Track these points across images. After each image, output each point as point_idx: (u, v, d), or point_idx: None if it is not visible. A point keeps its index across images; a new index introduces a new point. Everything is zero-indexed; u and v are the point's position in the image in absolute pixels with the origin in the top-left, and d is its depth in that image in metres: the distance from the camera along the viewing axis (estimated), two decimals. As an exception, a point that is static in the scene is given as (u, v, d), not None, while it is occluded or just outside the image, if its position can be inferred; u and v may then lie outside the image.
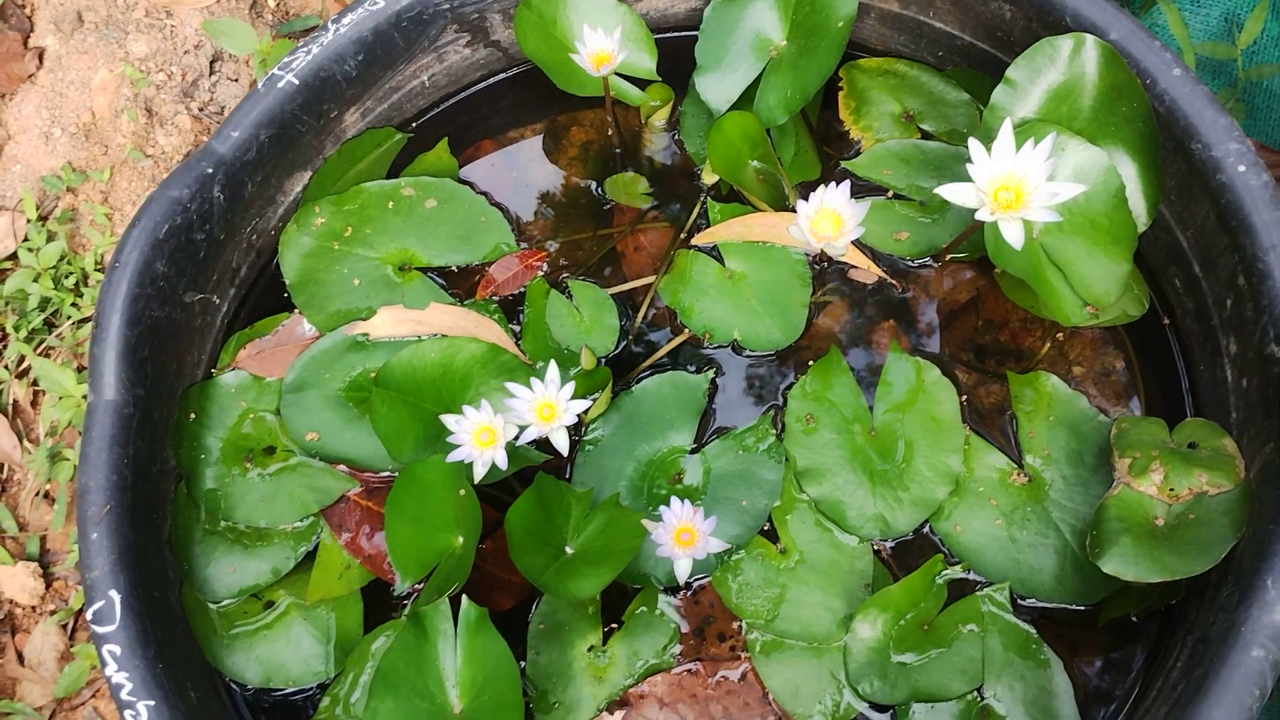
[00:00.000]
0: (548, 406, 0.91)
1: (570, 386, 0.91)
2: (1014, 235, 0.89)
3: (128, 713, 0.84)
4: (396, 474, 0.97)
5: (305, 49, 1.03)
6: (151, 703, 0.84)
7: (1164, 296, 1.05)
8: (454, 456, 0.90)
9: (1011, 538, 0.97)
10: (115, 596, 0.86)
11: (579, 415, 1.00)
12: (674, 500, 0.87)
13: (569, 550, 0.92)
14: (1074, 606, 0.96)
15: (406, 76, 1.12)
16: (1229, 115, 0.92)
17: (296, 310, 1.08)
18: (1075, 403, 1.01)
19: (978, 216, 0.89)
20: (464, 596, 0.88)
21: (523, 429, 0.91)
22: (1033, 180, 0.88)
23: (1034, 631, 0.94)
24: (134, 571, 0.88)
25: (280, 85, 1.02)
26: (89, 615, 0.86)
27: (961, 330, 1.06)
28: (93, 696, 1.16)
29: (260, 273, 1.11)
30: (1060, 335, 1.05)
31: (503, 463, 0.89)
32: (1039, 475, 0.99)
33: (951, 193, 0.90)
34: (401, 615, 0.99)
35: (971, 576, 0.97)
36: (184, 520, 1.00)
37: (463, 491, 0.90)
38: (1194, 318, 1.00)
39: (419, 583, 0.92)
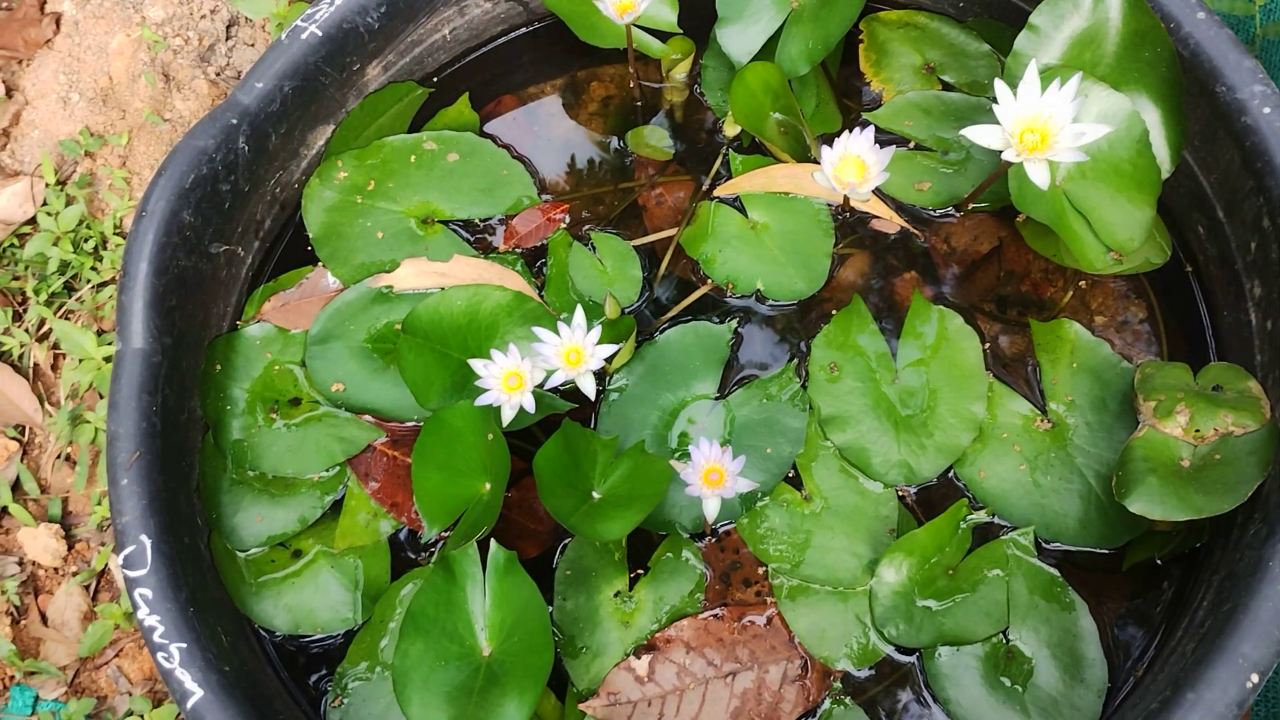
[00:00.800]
0: (574, 351, 0.91)
1: (597, 330, 0.91)
2: (1040, 176, 0.89)
3: (160, 655, 0.84)
4: (422, 423, 0.97)
5: (328, 1, 1.03)
6: (184, 645, 0.84)
7: (1186, 243, 1.05)
8: (482, 400, 0.90)
9: (1035, 483, 0.97)
10: (146, 541, 0.87)
11: (604, 363, 1.00)
12: (702, 440, 0.87)
13: (596, 495, 0.93)
14: (1099, 550, 0.96)
15: (428, 30, 1.12)
16: (1253, 58, 0.92)
17: (320, 263, 1.08)
18: (1098, 349, 1.01)
19: (1004, 158, 0.89)
20: (492, 540, 0.88)
21: (549, 374, 0.92)
22: (1059, 121, 0.89)
23: (1059, 575, 0.94)
24: (164, 517, 0.89)
25: (304, 37, 1.02)
26: (120, 560, 0.86)
27: (984, 280, 1.07)
28: (116, 656, 1.17)
29: (284, 226, 1.11)
30: (1082, 284, 1.06)
31: (530, 406, 0.90)
32: (1062, 421, 0.99)
33: (978, 134, 0.91)
34: (428, 563, 0.99)
35: (996, 521, 0.98)
36: (211, 470, 1.00)
37: (491, 436, 0.91)
38: (1218, 263, 1.00)
39: (446, 530, 0.92)
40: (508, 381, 0.90)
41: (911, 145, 1.10)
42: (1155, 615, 0.95)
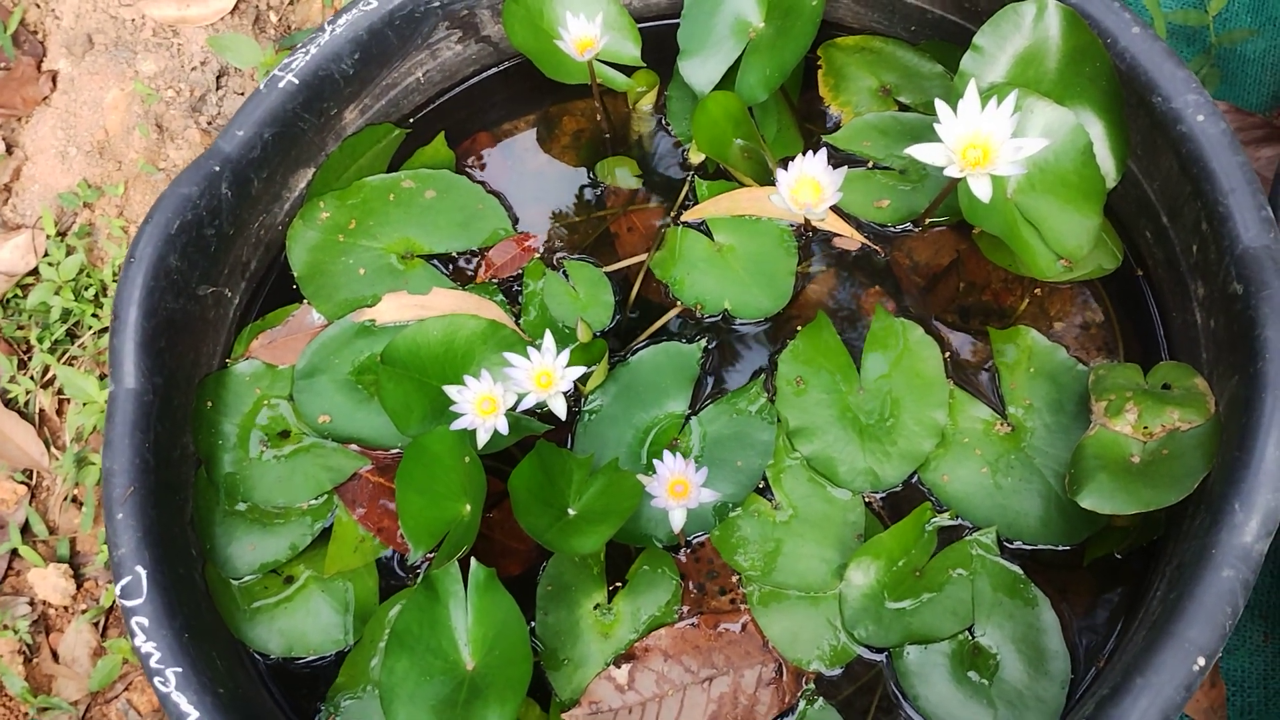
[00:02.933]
0: (545, 374, 0.95)
1: (566, 354, 0.95)
2: (982, 191, 0.93)
3: (157, 680, 0.88)
4: (404, 450, 1.01)
5: (304, 50, 1.08)
6: (179, 669, 0.88)
7: (1136, 249, 1.09)
8: (458, 425, 0.94)
9: (997, 484, 1.01)
10: (141, 572, 0.91)
11: (577, 385, 1.04)
12: (666, 454, 0.91)
13: (571, 512, 0.96)
14: (1060, 547, 0.99)
15: (402, 73, 1.17)
16: (1187, 69, 0.96)
17: (305, 300, 1.13)
18: (1055, 354, 1.05)
19: (947, 174, 0.93)
20: (472, 559, 0.92)
21: (522, 397, 0.96)
22: (998, 137, 0.92)
23: (1021, 572, 0.98)
24: (159, 549, 0.92)
25: (281, 85, 1.07)
26: (117, 590, 0.90)
27: (945, 291, 1.10)
28: (125, 689, 1.21)
29: (269, 266, 1.16)
30: (1039, 291, 1.09)
31: (504, 429, 0.94)
32: (1021, 424, 1.03)
33: (922, 152, 0.95)
34: (415, 583, 1.03)
35: (960, 523, 1.01)
36: (205, 502, 1.04)
37: (468, 459, 0.95)
38: (1165, 266, 1.04)
39: (430, 551, 0.96)
40: (481, 406, 0.94)
41: (870, 165, 1.14)
42: (1116, 607, 0.98)
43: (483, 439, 0.94)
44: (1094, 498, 0.89)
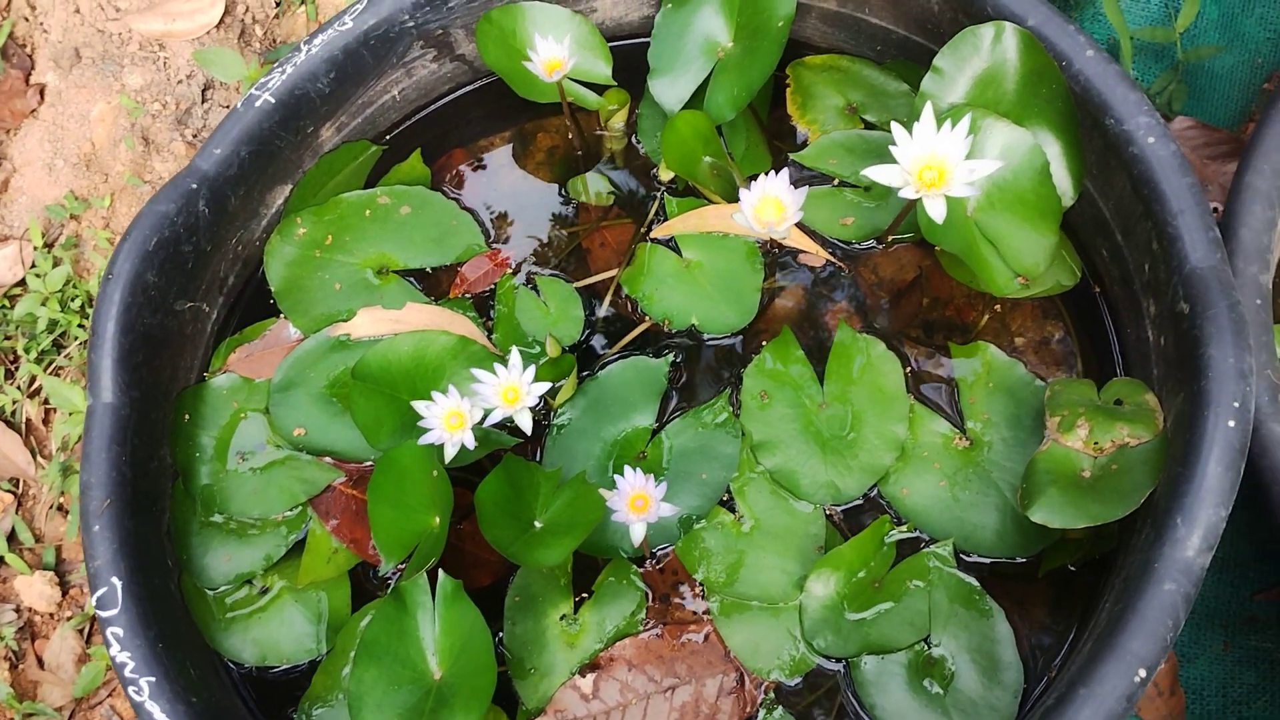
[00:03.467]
0: (512, 389, 0.97)
1: (532, 369, 0.97)
2: (937, 211, 0.95)
3: (131, 689, 0.90)
4: (376, 462, 1.03)
5: (280, 69, 1.10)
6: (153, 679, 0.90)
7: (1094, 266, 1.11)
8: (425, 440, 0.96)
9: (955, 498, 1.03)
10: (117, 583, 0.93)
11: (547, 400, 1.06)
12: (627, 469, 0.93)
13: (538, 524, 0.98)
14: (1016, 559, 1.02)
15: (378, 92, 1.19)
16: (1140, 91, 0.98)
17: (282, 315, 1.15)
18: (1013, 370, 1.07)
19: (901, 194, 0.95)
20: (440, 571, 0.94)
21: (489, 412, 0.98)
22: (953, 159, 0.95)
23: (977, 584, 1.00)
24: (134, 560, 0.95)
25: (258, 104, 1.09)
26: (93, 600, 0.92)
27: (908, 307, 1.12)
28: (109, 695, 1.23)
29: (247, 281, 1.18)
30: (1000, 307, 1.11)
31: (470, 443, 0.96)
32: (979, 438, 1.05)
33: (878, 173, 0.97)
34: (386, 594, 1.05)
35: (918, 535, 1.03)
36: (181, 514, 1.06)
37: (435, 473, 0.97)
38: (1120, 284, 1.06)
39: (401, 562, 0.98)
40: (449, 420, 0.96)
41: (836, 182, 1.16)
42: (1068, 619, 1.00)
43: (450, 453, 0.96)
44: (1044, 512, 0.91)
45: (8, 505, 1.30)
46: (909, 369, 1.08)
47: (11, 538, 1.28)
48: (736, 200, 1.13)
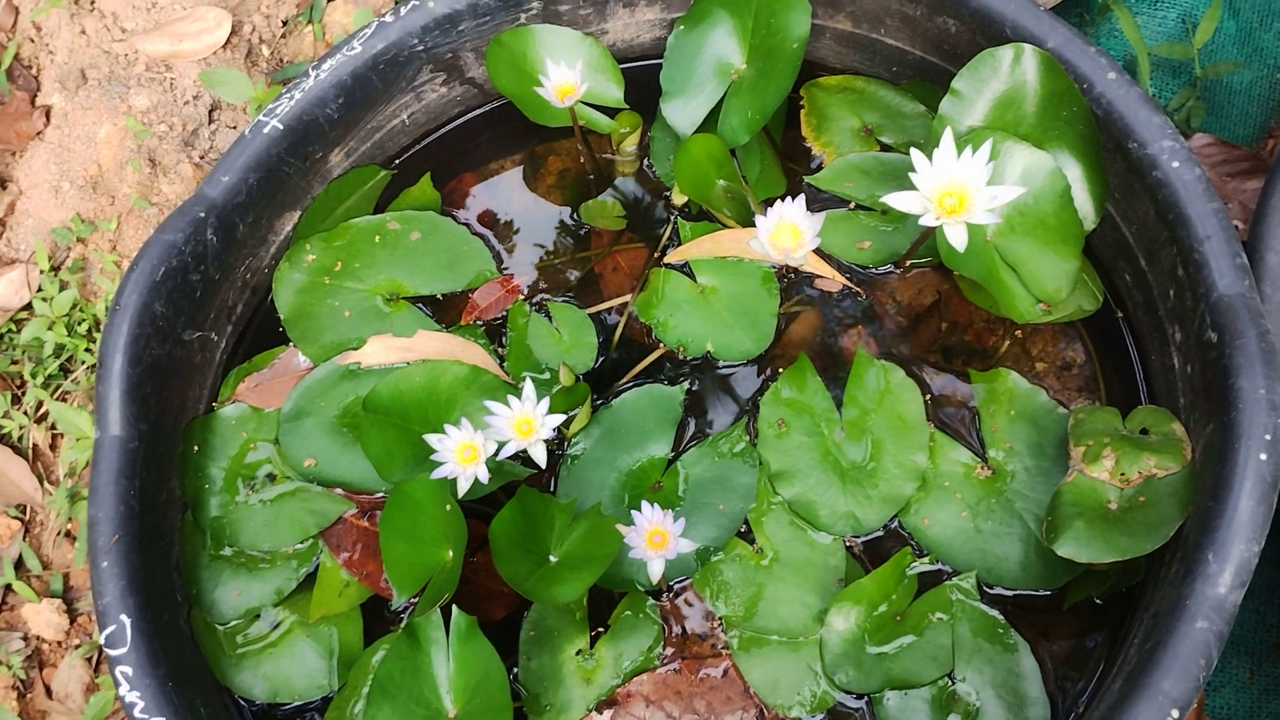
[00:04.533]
0: (525, 421, 0.96)
1: (546, 401, 0.96)
2: (958, 239, 0.93)
3: (141, 729, 0.89)
4: (388, 495, 1.02)
5: (288, 95, 1.09)
6: (163, 719, 0.89)
7: (1116, 291, 1.09)
8: (438, 474, 0.95)
9: (977, 528, 1.01)
10: (126, 620, 0.91)
11: (560, 430, 1.05)
12: (644, 504, 0.91)
13: (553, 558, 0.97)
14: (1039, 592, 1.00)
15: (387, 116, 1.17)
16: (1163, 114, 0.96)
17: (291, 343, 1.13)
18: (1035, 397, 1.05)
19: (922, 222, 0.94)
20: (454, 606, 0.93)
21: (502, 444, 0.96)
22: (974, 185, 0.93)
23: (1001, 617, 0.98)
24: (143, 596, 0.93)
25: (266, 130, 1.08)
26: (102, 639, 0.91)
27: (927, 332, 1.11)
28: (118, 725, 1.22)
29: (255, 309, 1.16)
30: (1020, 332, 1.10)
31: (484, 477, 0.94)
32: (1002, 468, 1.03)
33: (898, 200, 0.95)
34: (399, 629, 1.03)
35: (940, 567, 1.01)
36: (190, 547, 1.05)
37: (449, 507, 0.95)
38: (1144, 309, 1.04)
39: (414, 596, 0.97)
40: (462, 454, 0.94)
41: (852, 205, 1.15)
42: (1095, 653, 0.98)
43: (463, 487, 0.95)
44: (1071, 545, 0.90)
45: (15, 532, 1.28)
46: (928, 396, 1.07)
47: (19, 565, 1.27)
48: (751, 224, 1.12)
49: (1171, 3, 1.35)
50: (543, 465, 0.97)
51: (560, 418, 0.96)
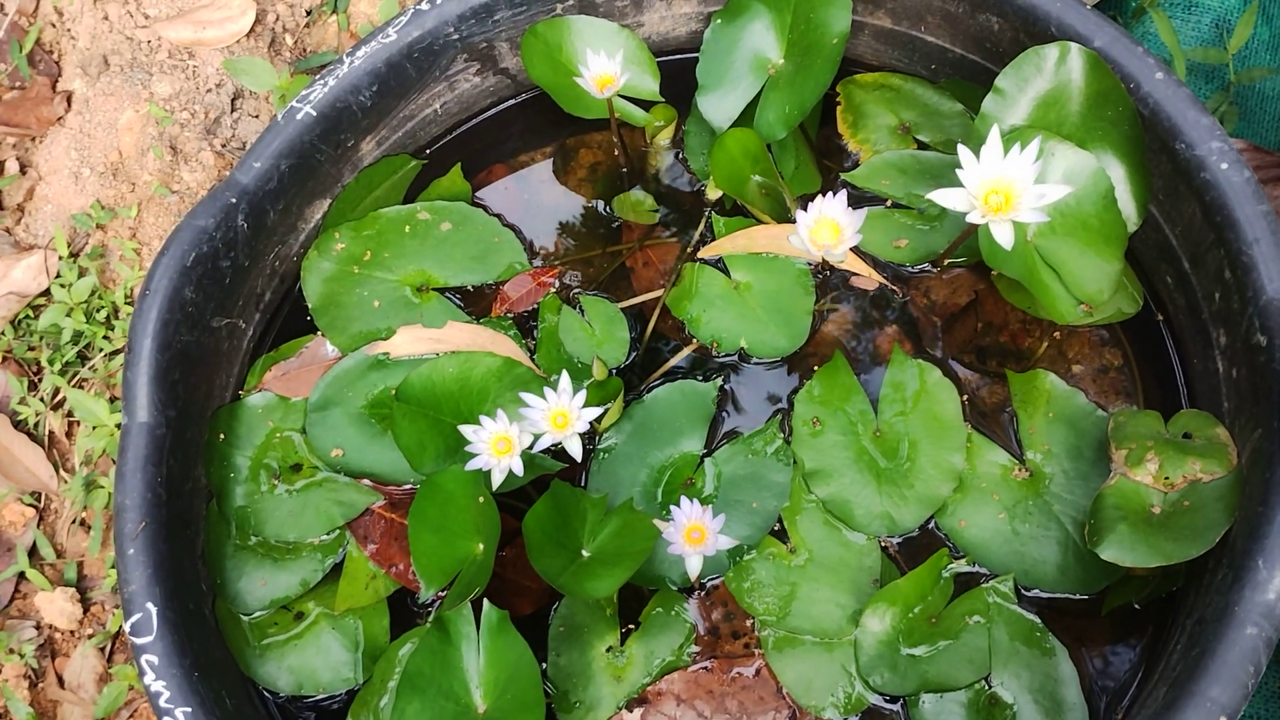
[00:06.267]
0: (561, 414, 0.94)
1: (582, 394, 0.95)
2: (1004, 237, 0.92)
3: (166, 719, 0.87)
4: (418, 486, 1.01)
5: (322, 81, 1.08)
6: (188, 709, 0.88)
7: (1157, 293, 1.08)
8: (472, 465, 0.93)
9: (1015, 531, 1.00)
10: (152, 609, 0.90)
11: (592, 424, 1.04)
12: (684, 500, 0.90)
13: (585, 553, 0.96)
14: (1077, 596, 0.99)
15: (419, 105, 1.16)
16: (1210, 115, 0.95)
17: (319, 333, 1.12)
18: (1073, 399, 1.04)
19: (969, 220, 0.92)
20: (485, 600, 0.91)
21: (537, 437, 0.95)
22: (1021, 183, 0.92)
23: (1039, 621, 0.97)
24: (169, 585, 0.92)
25: (299, 117, 1.07)
26: (127, 627, 0.90)
27: (962, 333, 1.10)
28: (130, 716, 1.20)
29: (284, 297, 1.15)
30: (1058, 335, 1.08)
31: (519, 470, 0.93)
32: (1040, 470, 1.02)
33: (944, 197, 0.94)
34: (426, 622, 1.02)
35: (977, 569, 1.00)
36: (215, 536, 1.04)
37: (482, 499, 0.94)
38: (1186, 313, 1.03)
39: (442, 590, 0.95)
40: (497, 446, 0.93)
41: (889, 204, 1.14)
42: (1134, 659, 0.97)
43: (497, 479, 0.93)
44: (1115, 549, 0.88)
45: (29, 520, 1.27)
46: (964, 396, 1.05)
47: (33, 553, 1.26)
48: (785, 220, 1.11)
49: (1206, 8, 1.34)
50: (578, 458, 0.96)
51: (596, 411, 0.95)
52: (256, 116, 1.46)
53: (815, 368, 1.08)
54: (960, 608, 0.97)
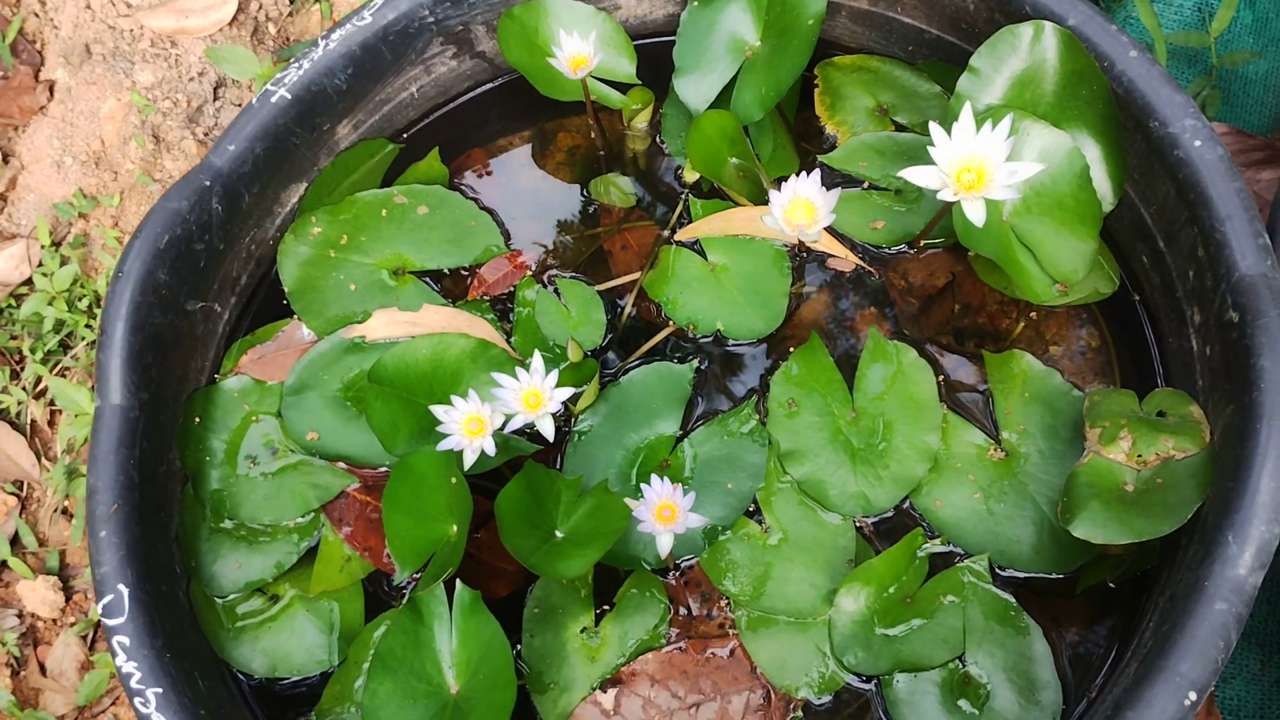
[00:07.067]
0: (533, 394, 0.94)
1: (555, 375, 0.94)
2: (976, 214, 0.92)
3: (137, 700, 0.87)
4: (392, 468, 1.01)
5: (296, 64, 1.07)
6: (159, 690, 0.87)
7: (1133, 273, 1.08)
8: (444, 445, 0.93)
9: (990, 511, 1.00)
10: (123, 590, 0.90)
11: (567, 405, 1.03)
12: (654, 478, 0.90)
13: (559, 534, 0.95)
14: (1053, 575, 0.98)
15: (396, 89, 1.16)
16: (1184, 93, 0.95)
17: (295, 316, 1.12)
18: (1049, 379, 1.03)
19: (940, 197, 0.92)
20: (458, 580, 0.91)
21: (509, 418, 0.95)
22: (993, 160, 0.92)
23: (1013, 600, 0.97)
24: (141, 567, 0.92)
25: (273, 100, 1.06)
26: (99, 608, 0.89)
27: (939, 314, 1.09)
28: (112, 704, 1.20)
29: (260, 281, 1.15)
30: (1035, 315, 1.08)
31: (490, 450, 0.93)
32: (1015, 450, 1.02)
33: (916, 175, 0.94)
34: (401, 604, 1.02)
35: (952, 549, 1.00)
36: (190, 519, 1.03)
37: (454, 480, 0.94)
38: (1161, 291, 1.03)
39: (417, 572, 0.95)
40: (469, 426, 0.93)
41: (866, 185, 1.13)
42: (1108, 637, 0.97)
43: (469, 460, 0.93)
44: (1087, 527, 0.88)
45: (11, 508, 1.27)
46: (941, 377, 1.05)
47: (15, 541, 1.25)
48: (763, 202, 1.11)
49: (1188, -9, 1.34)
50: (551, 439, 0.95)
51: (569, 391, 0.95)
52: (238, 105, 1.46)
53: (792, 349, 1.07)
54: (935, 587, 0.97)
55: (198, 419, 1.06)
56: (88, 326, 1.33)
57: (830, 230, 1.09)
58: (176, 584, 0.99)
